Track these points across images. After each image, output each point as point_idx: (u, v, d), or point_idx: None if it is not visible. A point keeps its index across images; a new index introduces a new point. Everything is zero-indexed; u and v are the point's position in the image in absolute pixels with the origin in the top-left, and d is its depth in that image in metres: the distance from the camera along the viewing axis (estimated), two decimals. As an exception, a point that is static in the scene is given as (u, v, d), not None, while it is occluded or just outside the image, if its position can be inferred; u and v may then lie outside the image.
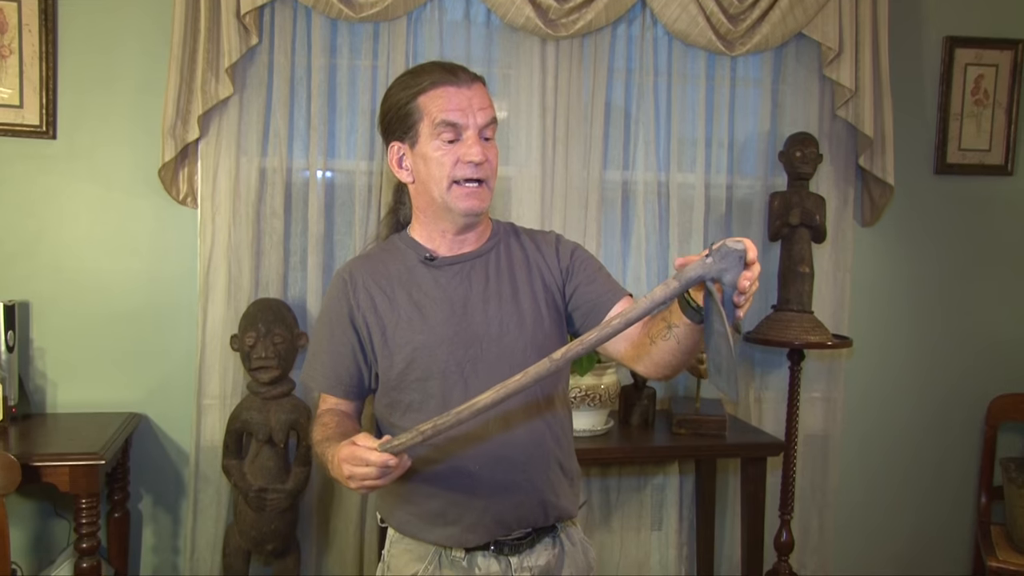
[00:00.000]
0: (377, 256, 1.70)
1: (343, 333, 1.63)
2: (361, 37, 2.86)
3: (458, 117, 1.55)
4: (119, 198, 2.83)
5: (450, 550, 1.63)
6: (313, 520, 2.92)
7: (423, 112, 1.57)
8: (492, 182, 1.61)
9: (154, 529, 2.93)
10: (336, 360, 1.64)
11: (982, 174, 3.37)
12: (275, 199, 2.84)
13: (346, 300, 1.64)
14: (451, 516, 1.61)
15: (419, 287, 1.63)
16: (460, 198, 1.58)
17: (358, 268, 1.67)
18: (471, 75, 1.60)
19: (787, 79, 3.15)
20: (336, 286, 1.66)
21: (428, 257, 1.65)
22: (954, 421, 3.45)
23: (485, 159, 1.56)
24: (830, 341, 2.92)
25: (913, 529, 3.47)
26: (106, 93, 2.79)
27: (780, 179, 3.11)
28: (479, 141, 1.57)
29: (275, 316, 2.66)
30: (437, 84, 1.57)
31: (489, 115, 1.59)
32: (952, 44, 3.29)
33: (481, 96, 1.59)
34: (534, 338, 1.62)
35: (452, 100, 1.56)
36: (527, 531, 1.63)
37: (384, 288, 1.63)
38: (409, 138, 1.60)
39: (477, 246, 1.68)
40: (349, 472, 1.40)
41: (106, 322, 2.83)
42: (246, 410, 2.65)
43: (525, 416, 1.61)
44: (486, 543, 1.62)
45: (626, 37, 3.04)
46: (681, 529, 3.17)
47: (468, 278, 1.64)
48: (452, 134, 1.56)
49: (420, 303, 1.62)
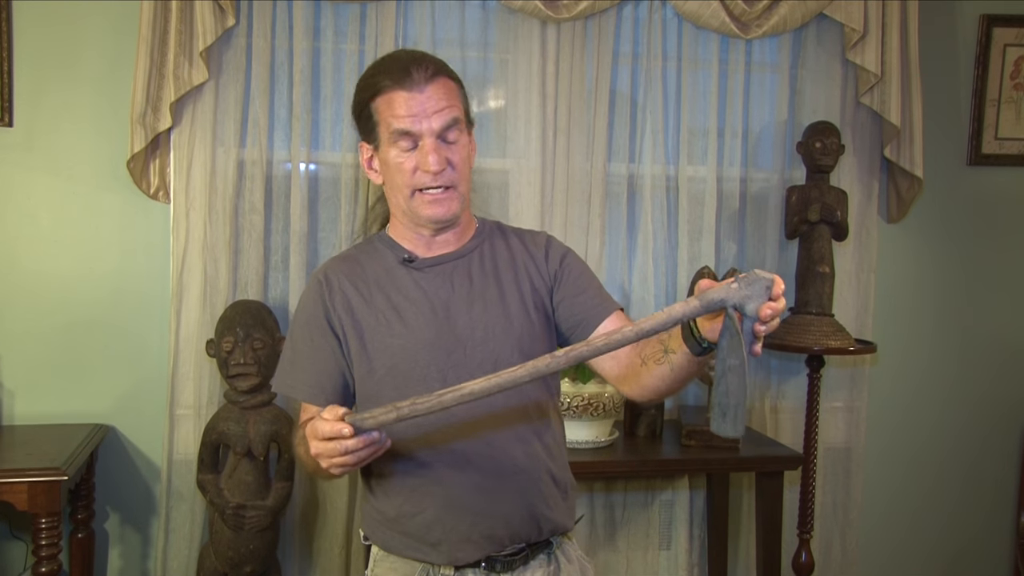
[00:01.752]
0: (354, 257, 1.70)
1: (322, 337, 1.63)
2: (347, 19, 2.85)
3: (410, 124, 1.54)
4: (83, 192, 2.80)
5: (437, 568, 1.62)
6: (295, 539, 2.90)
7: (379, 117, 1.58)
8: (462, 184, 1.61)
9: (121, 551, 2.90)
10: (316, 366, 1.63)
11: (1021, 165, 3.36)
12: (254, 193, 2.82)
13: (322, 302, 1.63)
14: (438, 534, 1.60)
15: (398, 289, 1.63)
16: (423, 206, 1.59)
17: (333, 269, 1.68)
18: (427, 73, 1.57)
19: (807, 64, 3.14)
20: (311, 288, 1.67)
21: (407, 258, 1.65)
22: (987, 431, 3.43)
23: (444, 167, 1.56)
24: (852, 346, 2.91)
25: (944, 549, 3.45)
26: (68, 75, 2.76)
27: (798, 172, 3.10)
28: (437, 147, 1.55)
29: (254, 319, 2.64)
30: (388, 88, 1.56)
31: (446, 117, 1.56)
32: (989, 23, 3.27)
33: (438, 97, 1.56)
34: (520, 342, 1.62)
35: (404, 107, 1.54)
36: (520, 547, 1.63)
37: (361, 290, 1.63)
38: (373, 140, 1.62)
39: (459, 246, 1.68)
40: (316, 450, 1.36)
41: (69, 327, 2.81)
42: (223, 421, 2.63)
43: (514, 425, 1.61)
44: (476, 560, 1.61)
45: (632, 19, 3.03)
46: (692, 549, 3.15)
47: (450, 279, 1.64)
48: (408, 142, 1.55)
49: (399, 306, 1.62)
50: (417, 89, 1.54)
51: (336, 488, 2.84)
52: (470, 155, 1.64)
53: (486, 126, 2.96)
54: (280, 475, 2.66)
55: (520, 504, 1.60)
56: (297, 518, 2.87)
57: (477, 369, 1.54)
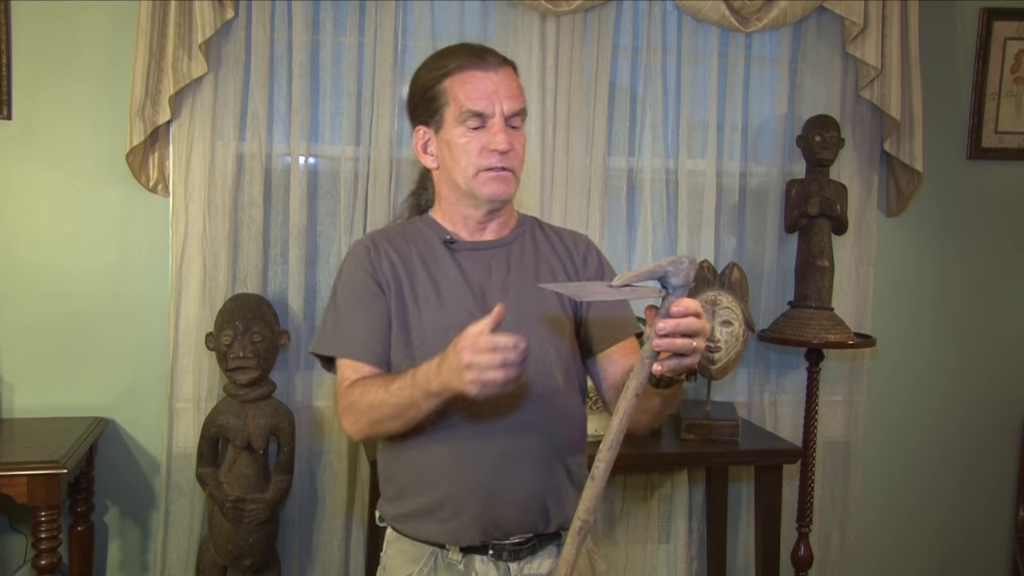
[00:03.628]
0: (397, 231, 1.75)
1: (372, 296, 1.66)
2: (346, 12, 2.85)
3: (483, 105, 1.60)
4: (82, 185, 2.79)
5: (446, 552, 1.65)
6: (295, 533, 2.90)
7: (448, 96, 1.62)
8: (519, 171, 1.66)
9: (121, 544, 2.90)
10: (365, 324, 1.65)
11: (1021, 159, 3.35)
12: (253, 187, 2.81)
13: (370, 263, 1.68)
14: (447, 511, 1.63)
15: (439, 267, 1.68)
16: (485, 183, 1.63)
17: (380, 237, 1.73)
18: (500, 59, 1.64)
19: (807, 57, 3.13)
20: (357, 253, 1.70)
21: (449, 240, 1.70)
22: (987, 426, 3.42)
23: (511, 148, 1.61)
24: (851, 340, 2.91)
25: (942, 543, 3.44)
26: (67, 68, 2.75)
27: (798, 166, 3.09)
28: (505, 129, 1.61)
29: (254, 313, 2.64)
30: (463, 68, 1.61)
31: (517, 104, 1.63)
32: (990, 16, 3.25)
33: (509, 82, 1.63)
34: (551, 335, 1.66)
35: (478, 86, 1.60)
36: (527, 537, 1.65)
37: (405, 260, 1.68)
38: (434, 123, 1.65)
39: (499, 236, 1.73)
40: (470, 360, 1.35)
41: (68, 320, 2.80)
42: (222, 414, 2.63)
43: (536, 414, 1.63)
44: (483, 545, 1.63)
45: (632, 12, 3.02)
46: (691, 542, 3.15)
47: (488, 265, 1.69)
48: (477, 121, 1.60)
49: (439, 282, 1.66)
50: (492, 70, 1.61)
51: (335, 482, 2.85)
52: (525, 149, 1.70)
53: (486, 119, 2.98)
54: (279, 468, 2.66)
55: (530, 494, 1.63)
56: (296, 511, 2.87)
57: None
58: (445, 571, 1.64)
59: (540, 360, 1.62)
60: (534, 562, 1.65)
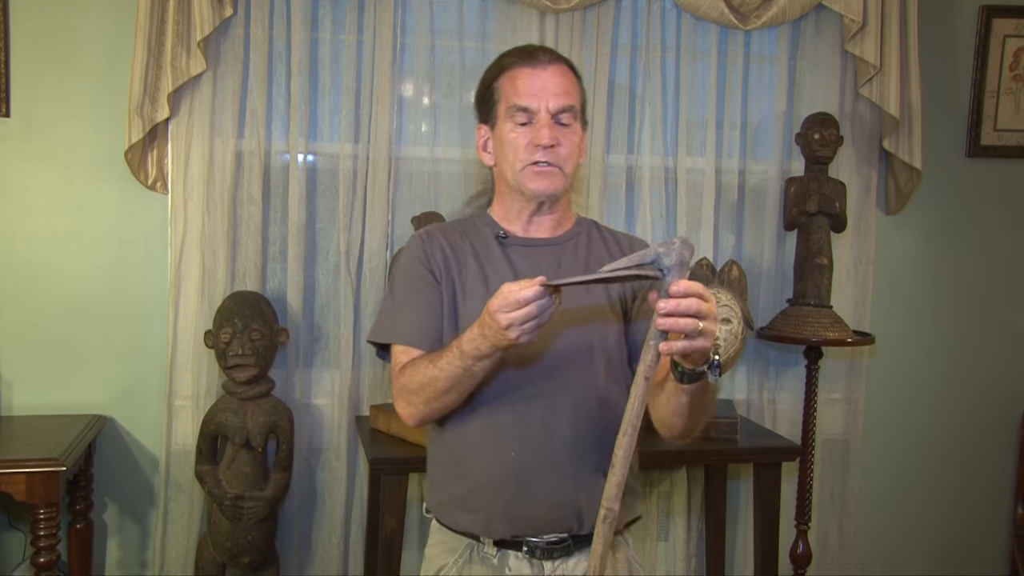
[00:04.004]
0: (453, 226, 1.80)
1: (425, 285, 1.70)
2: (344, 9, 2.84)
3: (529, 101, 1.63)
4: (81, 182, 2.78)
5: (481, 545, 1.67)
6: (294, 530, 2.90)
7: (500, 93, 1.68)
8: (568, 167, 1.68)
9: (120, 541, 2.89)
10: (420, 311, 1.70)
11: (1020, 157, 3.35)
12: (252, 184, 2.81)
13: (424, 254, 1.72)
14: (480, 502, 1.66)
15: (490, 261, 1.72)
16: (530, 177, 1.66)
17: (435, 230, 1.78)
18: (552, 57, 1.68)
19: (806, 55, 3.13)
20: (413, 244, 1.76)
21: (501, 235, 1.73)
22: (985, 424, 3.42)
23: (555, 143, 1.63)
24: (850, 338, 2.91)
25: (941, 541, 3.44)
26: (65, 66, 2.74)
27: (797, 163, 3.10)
28: (550, 124, 1.63)
29: (253, 310, 2.64)
30: (514, 65, 1.66)
31: (564, 101, 1.65)
32: (989, 14, 3.25)
33: (558, 79, 1.65)
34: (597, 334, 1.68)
35: (526, 83, 1.64)
36: (562, 536, 1.66)
37: (458, 253, 1.73)
38: (491, 120, 1.71)
39: (553, 234, 1.75)
40: (507, 320, 1.41)
41: (67, 318, 2.79)
42: (221, 412, 2.63)
43: (573, 415, 1.65)
44: (517, 541, 1.65)
45: (631, 10, 3.01)
46: (690, 540, 3.15)
47: (538, 262, 1.71)
48: (524, 117, 1.64)
49: (488, 276, 1.70)
50: (540, 67, 1.65)
51: (334, 479, 2.85)
52: (580, 148, 1.71)
53: (484, 117, 2.98)
54: (278, 466, 2.66)
55: (561, 493, 1.64)
56: (295, 509, 2.87)
57: (549, 347, 1.63)
58: (480, 564, 1.67)
59: (582, 356, 1.64)
60: (569, 562, 1.67)
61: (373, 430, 2.69)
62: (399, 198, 2.90)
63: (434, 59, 2.89)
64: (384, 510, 2.48)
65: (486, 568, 1.66)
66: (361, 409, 2.88)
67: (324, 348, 2.90)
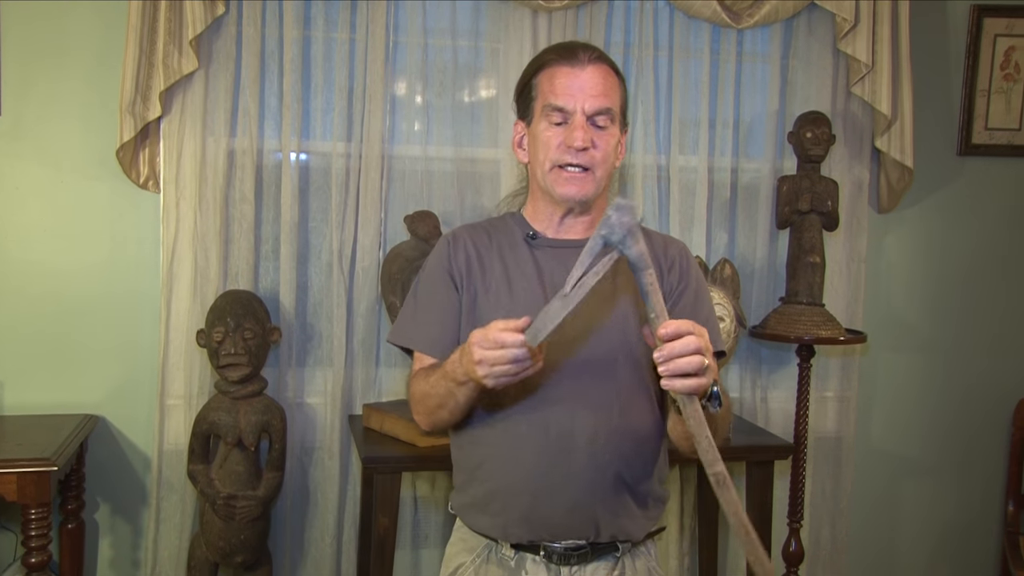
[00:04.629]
0: (484, 227, 1.79)
1: (445, 290, 1.70)
2: (337, 8, 2.83)
3: (564, 101, 1.60)
4: (72, 181, 2.77)
5: (500, 546, 1.68)
6: (286, 530, 2.89)
7: (538, 91, 1.65)
8: (600, 170, 1.64)
9: (112, 541, 2.89)
10: (437, 318, 1.70)
11: (1011, 155, 3.35)
12: (245, 183, 2.80)
13: (447, 258, 1.72)
14: (498, 505, 1.66)
15: (516, 263, 1.70)
16: (559, 182, 1.63)
17: (462, 231, 1.78)
18: (593, 56, 1.64)
19: (798, 54, 3.13)
20: (439, 246, 1.76)
21: (531, 235, 1.72)
22: (978, 423, 3.43)
23: (588, 145, 1.60)
24: (843, 336, 2.91)
25: (933, 539, 3.45)
26: (57, 65, 2.73)
27: (789, 162, 3.10)
28: (585, 126, 1.60)
29: (245, 309, 2.63)
30: (553, 63, 1.64)
31: (600, 103, 1.61)
32: (980, 13, 3.25)
33: (595, 81, 1.62)
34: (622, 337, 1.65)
35: (563, 82, 1.61)
36: (580, 543, 1.65)
37: (483, 256, 1.72)
38: (527, 117, 1.69)
39: (586, 235, 1.68)
40: (480, 356, 1.39)
41: (59, 317, 2.78)
42: (214, 411, 2.63)
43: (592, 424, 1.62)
44: (534, 545, 1.65)
45: (624, 8, 3.01)
46: (683, 539, 3.15)
47: (566, 263, 1.67)
48: (560, 117, 1.62)
49: (512, 278, 1.68)
50: (579, 67, 1.62)
51: (327, 478, 2.85)
52: (617, 150, 1.68)
53: (477, 116, 2.96)
54: (271, 465, 2.66)
55: (579, 500, 1.62)
56: (288, 508, 2.86)
57: (571, 353, 1.62)
58: (497, 566, 1.67)
59: (605, 365, 1.62)
60: (587, 569, 1.66)
61: (366, 429, 2.69)
62: (392, 197, 2.90)
63: (427, 58, 2.88)
64: (377, 509, 2.48)
65: (503, 570, 1.67)
66: (354, 408, 2.88)
67: (317, 347, 2.90)
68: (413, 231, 2.73)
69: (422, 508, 2.98)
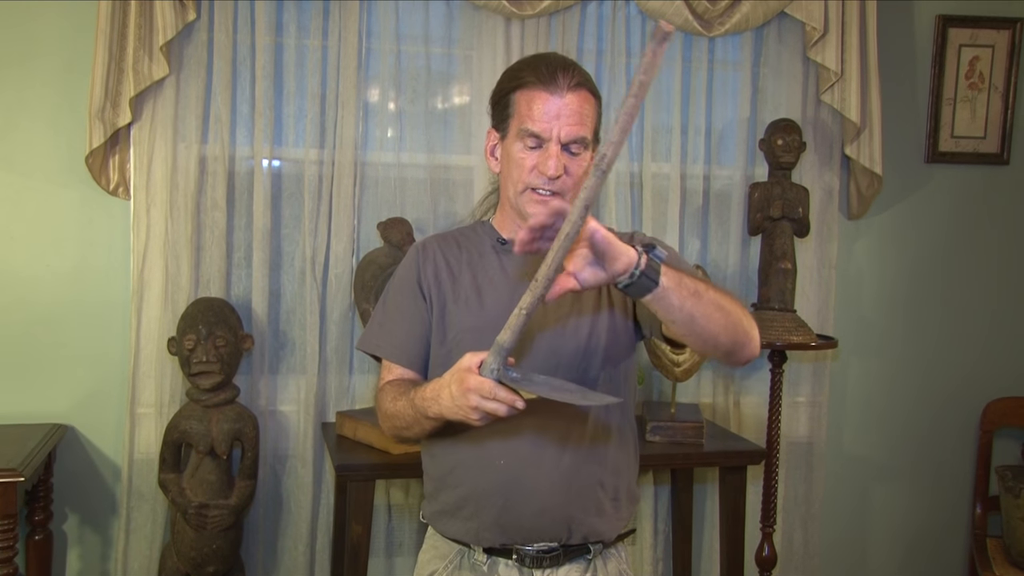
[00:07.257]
0: (453, 236, 1.81)
1: (413, 301, 1.72)
2: (309, 14, 2.83)
3: (540, 128, 1.60)
4: (40, 188, 2.75)
5: (472, 551, 1.68)
6: (259, 538, 2.88)
7: (515, 109, 1.65)
8: (570, 195, 1.64)
9: (80, 552, 2.86)
10: (404, 328, 1.72)
11: (976, 163, 3.39)
12: (216, 190, 2.80)
13: (416, 267, 1.74)
14: (470, 510, 1.67)
15: (485, 271, 1.72)
16: (530, 204, 1.63)
17: (432, 241, 1.79)
18: (573, 82, 1.62)
19: (768, 62, 3.16)
20: (409, 255, 1.78)
21: (501, 241, 1.74)
22: (947, 427, 3.46)
23: (561, 173, 1.60)
24: (814, 342, 2.92)
25: (904, 542, 3.48)
26: (24, 69, 2.71)
27: (761, 169, 3.12)
28: (559, 154, 1.60)
29: (217, 317, 2.63)
30: (533, 85, 1.62)
31: (576, 132, 1.61)
32: (945, 23, 3.29)
33: (573, 109, 1.61)
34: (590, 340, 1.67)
35: (540, 108, 1.61)
36: (552, 546, 1.67)
37: (452, 265, 1.73)
38: (502, 129, 1.69)
39: None
40: (476, 403, 1.41)
41: (27, 325, 2.76)
42: (185, 419, 2.62)
43: (564, 425, 1.65)
44: (506, 548, 1.66)
45: (596, 16, 3.03)
46: (656, 544, 3.16)
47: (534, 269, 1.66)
48: (534, 141, 1.62)
49: (482, 287, 1.70)
50: (558, 94, 1.60)
51: (300, 486, 2.84)
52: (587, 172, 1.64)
53: (450, 123, 2.96)
54: (243, 474, 2.64)
55: (551, 503, 1.64)
56: (260, 517, 2.85)
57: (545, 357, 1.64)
58: (469, 571, 1.68)
59: (575, 365, 1.64)
60: (558, 572, 1.67)
61: (339, 436, 2.68)
62: (365, 204, 2.90)
63: (400, 64, 2.89)
64: (350, 517, 2.48)
65: (475, 574, 1.68)
66: (327, 416, 2.87)
67: (290, 354, 2.89)
68: (386, 238, 2.73)
69: (396, 516, 2.98)
